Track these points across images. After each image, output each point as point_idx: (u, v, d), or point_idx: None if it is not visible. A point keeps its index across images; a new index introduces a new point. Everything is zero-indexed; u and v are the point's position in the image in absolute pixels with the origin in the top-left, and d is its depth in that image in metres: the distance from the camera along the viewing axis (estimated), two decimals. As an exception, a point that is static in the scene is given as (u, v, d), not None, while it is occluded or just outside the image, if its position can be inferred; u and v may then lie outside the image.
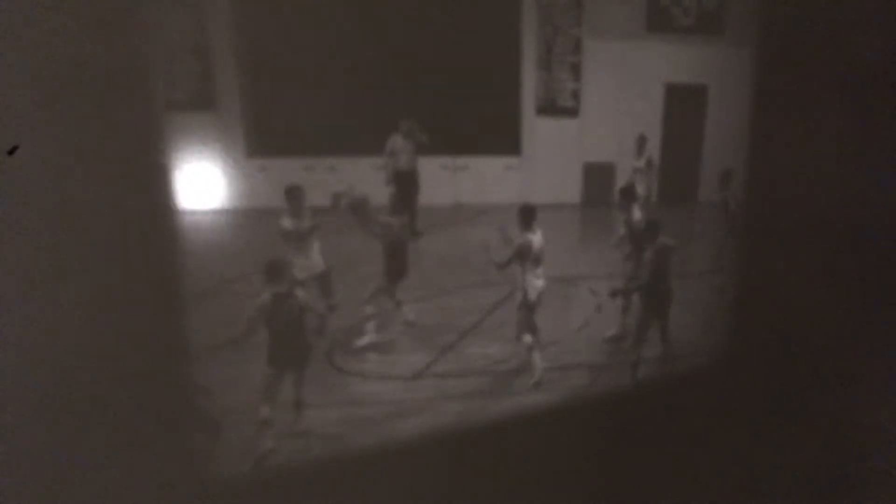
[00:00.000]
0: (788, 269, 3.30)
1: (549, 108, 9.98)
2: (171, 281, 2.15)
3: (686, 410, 3.36)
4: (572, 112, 10.12)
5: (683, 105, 11.10)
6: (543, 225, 5.90)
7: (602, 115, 10.41)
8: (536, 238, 5.59)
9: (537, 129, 10.01)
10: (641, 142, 9.09)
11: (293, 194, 5.76)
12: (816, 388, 3.29)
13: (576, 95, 10.09)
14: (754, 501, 3.33)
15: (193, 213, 9.02)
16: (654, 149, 10.89)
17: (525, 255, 5.47)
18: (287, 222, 5.73)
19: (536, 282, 5.62)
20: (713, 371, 3.67)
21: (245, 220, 8.88)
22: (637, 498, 3.22)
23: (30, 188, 1.85)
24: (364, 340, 5.90)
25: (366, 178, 8.38)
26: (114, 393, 2.06)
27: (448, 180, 9.48)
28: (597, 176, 10.43)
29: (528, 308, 5.59)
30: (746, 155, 3.56)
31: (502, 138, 9.85)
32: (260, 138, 9.30)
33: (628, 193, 6.56)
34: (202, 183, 9.05)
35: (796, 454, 3.32)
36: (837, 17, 3.00)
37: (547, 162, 9.99)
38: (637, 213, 6.31)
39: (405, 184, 8.56)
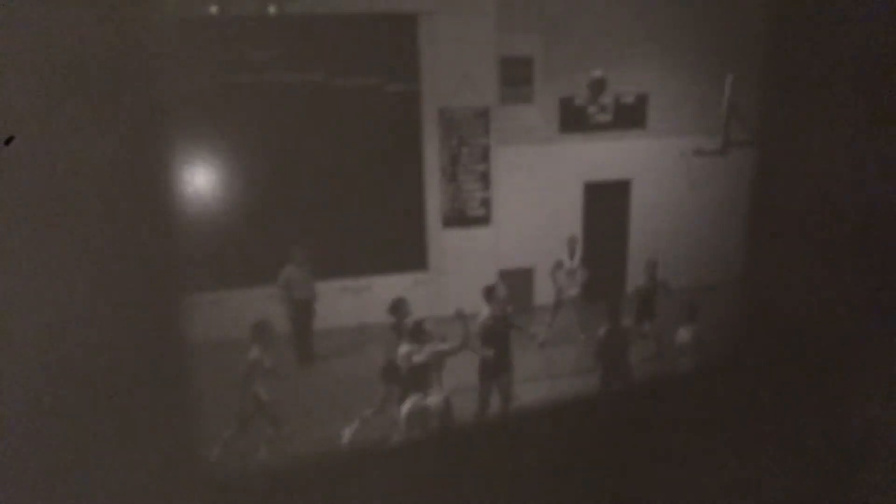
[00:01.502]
0: (790, 268, 3.28)
1: (457, 219, 9.79)
2: (169, 279, 2.18)
3: (686, 410, 3.34)
4: (483, 220, 9.94)
5: (605, 202, 10.94)
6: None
7: (517, 220, 10.22)
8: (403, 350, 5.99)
9: (446, 242, 9.80)
10: (573, 243, 9.26)
11: (263, 328, 6.26)
12: (818, 387, 3.26)
13: (486, 203, 9.92)
14: (754, 501, 3.30)
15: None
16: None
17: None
18: (256, 354, 6.14)
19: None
20: (713, 370, 3.66)
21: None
22: (635, 498, 3.20)
23: (28, 186, 1.87)
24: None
25: (257, 309, 8.15)
26: (113, 392, 2.08)
27: (350, 302, 9.22)
28: (514, 283, 10.17)
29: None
30: (756, 156, 3.55)
31: (408, 254, 9.65)
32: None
33: None
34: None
35: (797, 454, 3.29)
36: (847, 9, 2.95)
37: (459, 273, 9.73)
38: None
39: (303, 314, 8.35)
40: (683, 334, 7.21)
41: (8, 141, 1.77)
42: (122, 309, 2.07)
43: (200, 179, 7.96)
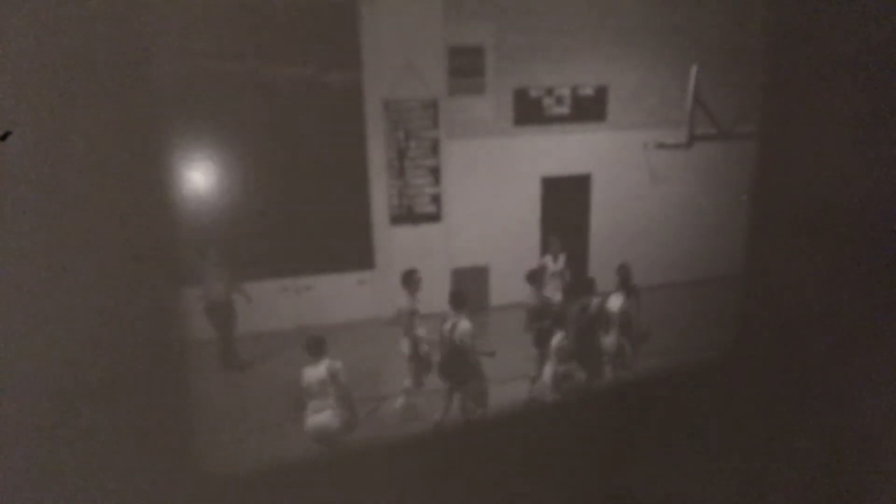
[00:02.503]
0: (790, 269, 3.28)
1: (405, 216, 9.33)
2: (168, 278, 2.18)
3: (686, 410, 3.34)
4: (433, 217, 9.48)
5: (564, 197, 10.54)
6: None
7: (470, 216, 9.78)
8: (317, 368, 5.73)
9: (393, 240, 9.32)
10: (555, 245, 8.74)
11: (410, 277, 7.14)
12: (819, 388, 3.26)
13: (436, 200, 9.47)
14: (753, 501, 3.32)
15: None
16: (534, 247, 10.33)
17: None
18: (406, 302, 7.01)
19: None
20: (714, 370, 3.63)
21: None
22: (632, 498, 3.20)
23: (27, 185, 1.85)
24: None
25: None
26: (114, 391, 2.06)
27: (290, 303, 8.73)
28: (468, 281, 9.72)
29: None
30: (757, 152, 3.47)
31: (353, 253, 9.17)
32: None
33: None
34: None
35: (797, 456, 3.30)
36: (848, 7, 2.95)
37: (408, 273, 9.28)
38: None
39: (222, 316, 7.85)
40: (615, 302, 6.79)
41: (4, 136, 1.77)
42: (122, 307, 2.05)
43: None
